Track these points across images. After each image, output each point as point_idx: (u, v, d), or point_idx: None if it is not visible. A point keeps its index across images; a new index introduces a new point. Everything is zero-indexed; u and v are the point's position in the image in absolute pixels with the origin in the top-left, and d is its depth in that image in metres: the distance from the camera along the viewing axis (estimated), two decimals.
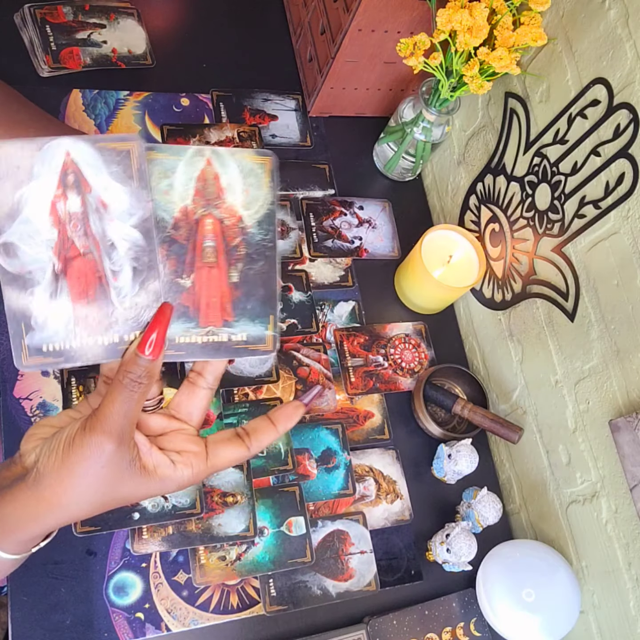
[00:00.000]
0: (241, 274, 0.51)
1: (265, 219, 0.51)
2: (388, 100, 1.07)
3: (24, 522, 0.49)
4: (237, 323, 0.52)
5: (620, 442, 0.73)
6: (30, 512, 0.49)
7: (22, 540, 0.51)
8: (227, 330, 0.51)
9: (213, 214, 0.50)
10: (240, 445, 0.53)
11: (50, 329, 0.49)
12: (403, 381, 0.95)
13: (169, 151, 0.49)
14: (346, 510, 0.86)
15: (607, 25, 0.73)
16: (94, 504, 0.50)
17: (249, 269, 0.51)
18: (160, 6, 1.06)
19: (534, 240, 0.86)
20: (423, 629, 0.82)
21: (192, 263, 0.50)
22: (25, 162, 0.46)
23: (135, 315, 0.50)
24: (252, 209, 0.51)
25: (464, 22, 0.78)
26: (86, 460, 0.47)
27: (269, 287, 0.52)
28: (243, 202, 0.50)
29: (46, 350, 0.49)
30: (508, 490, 0.97)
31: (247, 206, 0.50)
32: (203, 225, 0.50)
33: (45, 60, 0.94)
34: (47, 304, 0.49)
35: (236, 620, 0.78)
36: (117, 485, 0.49)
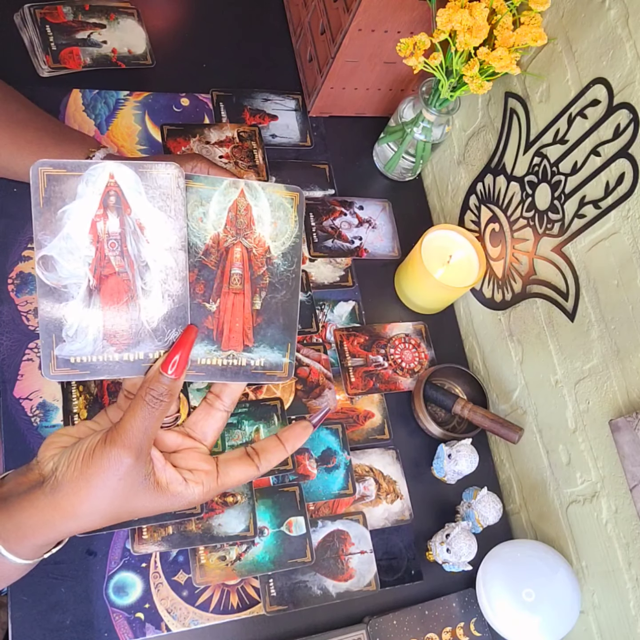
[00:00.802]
0: (264, 301, 0.54)
1: (290, 251, 0.54)
2: (388, 100, 1.07)
3: (39, 528, 0.50)
4: (257, 349, 0.55)
5: (620, 442, 0.73)
6: (46, 519, 0.50)
7: (36, 545, 0.51)
8: (246, 355, 0.54)
9: (242, 243, 0.53)
10: (250, 465, 0.55)
11: (80, 342, 0.51)
12: (403, 381, 0.95)
13: (205, 181, 0.52)
14: (346, 510, 0.86)
15: (607, 25, 0.73)
16: (107, 515, 0.51)
17: (272, 297, 0.55)
18: (160, 6, 1.06)
19: (534, 240, 0.86)
20: (423, 629, 0.82)
21: (219, 289, 0.53)
22: (70, 181, 0.49)
23: (162, 334, 0.52)
24: (279, 240, 0.54)
25: (464, 22, 0.78)
26: (105, 471, 0.48)
27: (289, 315, 0.55)
28: (271, 233, 0.54)
29: (74, 362, 0.51)
30: (508, 490, 0.97)
31: (274, 238, 0.54)
32: (232, 254, 0.53)
33: (45, 60, 0.94)
34: (79, 317, 0.51)
35: (236, 620, 0.78)
36: (130, 498, 0.50)
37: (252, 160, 1.00)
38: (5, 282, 0.83)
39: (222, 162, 0.98)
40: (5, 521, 0.50)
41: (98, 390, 0.81)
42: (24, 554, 0.51)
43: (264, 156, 1.01)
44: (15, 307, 0.82)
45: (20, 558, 0.52)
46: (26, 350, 0.81)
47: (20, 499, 0.50)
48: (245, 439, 0.84)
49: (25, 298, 0.83)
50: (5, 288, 0.83)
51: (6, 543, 0.51)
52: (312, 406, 0.89)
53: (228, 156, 0.99)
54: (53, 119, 0.84)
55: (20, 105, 0.81)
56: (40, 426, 0.78)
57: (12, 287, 0.83)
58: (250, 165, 0.99)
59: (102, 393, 0.81)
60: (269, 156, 1.01)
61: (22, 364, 0.80)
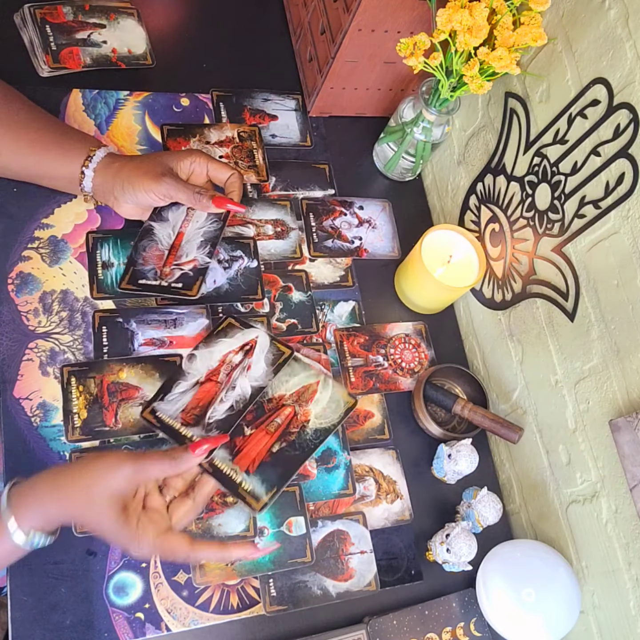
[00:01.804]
0: (280, 449, 0.74)
1: (322, 431, 0.76)
2: (388, 100, 1.07)
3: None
4: (253, 477, 0.72)
5: (620, 442, 0.73)
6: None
7: (45, 516, 0.63)
8: (243, 476, 0.72)
9: (294, 407, 0.77)
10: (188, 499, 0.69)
11: (171, 408, 0.77)
12: (403, 381, 0.95)
13: (301, 362, 0.81)
14: (346, 510, 0.86)
15: (607, 25, 0.73)
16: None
17: (287, 450, 0.74)
18: (160, 6, 1.06)
19: (534, 240, 0.86)
20: (423, 629, 0.82)
21: (259, 424, 0.76)
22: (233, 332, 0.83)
23: (209, 430, 0.74)
24: (319, 420, 0.77)
25: (464, 22, 0.78)
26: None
27: (291, 469, 0.73)
28: (317, 413, 0.77)
29: (158, 415, 0.77)
30: (508, 490, 0.97)
31: (318, 416, 0.77)
32: (284, 409, 0.77)
33: (45, 60, 0.94)
34: (180, 394, 0.78)
35: (236, 620, 0.78)
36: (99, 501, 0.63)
37: (252, 160, 1.00)
38: (5, 282, 0.83)
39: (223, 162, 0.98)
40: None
41: (98, 390, 0.81)
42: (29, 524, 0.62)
43: (264, 156, 1.01)
44: (15, 307, 0.82)
45: (29, 530, 0.62)
46: (26, 350, 0.81)
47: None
48: None
49: (25, 298, 0.83)
50: (5, 288, 0.83)
51: (18, 513, 0.62)
52: None
53: (228, 156, 0.99)
54: (54, 119, 0.84)
55: (21, 105, 0.81)
56: (40, 426, 0.78)
57: (12, 287, 0.83)
58: (250, 165, 0.99)
59: (102, 393, 0.81)
60: (269, 156, 1.01)
61: (22, 364, 0.80)
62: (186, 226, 0.85)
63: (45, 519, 0.63)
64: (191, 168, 0.83)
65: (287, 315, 0.93)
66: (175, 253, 0.83)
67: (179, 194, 0.79)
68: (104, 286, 0.86)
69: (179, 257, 0.83)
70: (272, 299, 0.93)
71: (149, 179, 0.78)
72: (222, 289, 0.90)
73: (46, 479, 0.64)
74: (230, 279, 0.91)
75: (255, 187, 0.99)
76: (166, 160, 0.81)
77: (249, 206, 0.97)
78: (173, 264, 0.83)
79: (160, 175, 0.79)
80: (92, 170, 0.80)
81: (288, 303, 0.94)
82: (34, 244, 0.86)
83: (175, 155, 0.83)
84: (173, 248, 0.84)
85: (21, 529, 0.61)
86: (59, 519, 0.65)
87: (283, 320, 0.92)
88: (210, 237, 0.85)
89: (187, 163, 0.82)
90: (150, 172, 0.79)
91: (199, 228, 0.85)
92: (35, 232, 0.86)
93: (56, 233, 0.87)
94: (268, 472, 0.71)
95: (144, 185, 0.79)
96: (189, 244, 0.84)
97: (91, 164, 0.80)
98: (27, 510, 0.62)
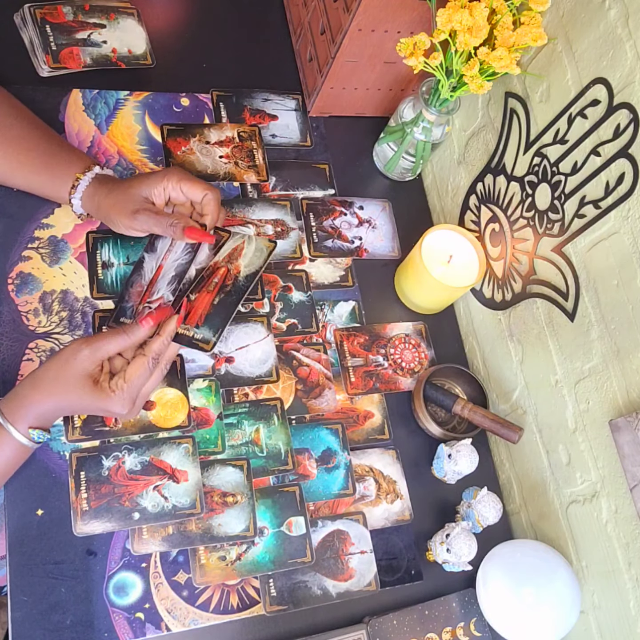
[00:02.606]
0: (220, 300, 0.83)
1: (251, 275, 0.85)
2: (388, 100, 1.07)
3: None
4: (201, 328, 0.81)
5: (620, 442, 0.73)
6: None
7: (38, 414, 0.71)
8: (194, 330, 0.80)
9: (227, 266, 0.84)
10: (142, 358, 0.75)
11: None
12: (403, 381, 0.95)
13: (234, 234, 0.87)
14: (346, 510, 0.86)
15: (607, 25, 0.73)
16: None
17: (225, 299, 0.83)
18: (160, 6, 1.06)
19: (534, 240, 0.86)
20: (423, 629, 0.82)
21: (201, 288, 0.82)
22: None
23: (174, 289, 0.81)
24: (248, 268, 0.85)
25: (464, 22, 0.78)
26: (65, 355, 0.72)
27: (231, 310, 0.82)
28: (246, 263, 0.85)
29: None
30: (508, 490, 0.97)
31: (246, 266, 0.85)
32: (219, 271, 0.84)
33: (45, 60, 0.94)
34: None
35: (236, 620, 0.78)
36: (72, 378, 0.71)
37: (252, 160, 1.00)
38: (5, 282, 0.83)
39: (222, 162, 0.98)
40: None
41: None
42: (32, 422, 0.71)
43: (264, 156, 1.01)
44: (15, 307, 0.82)
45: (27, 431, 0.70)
46: (26, 350, 0.81)
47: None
48: (246, 439, 0.85)
49: (25, 298, 0.83)
50: (5, 288, 0.83)
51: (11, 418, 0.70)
52: (312, 406, 0.89)
53: (228, 156, 0.99)
54: (45, 134, 0.83)
55: (14, 120, 0.81)
56: None
57: (12, 287, 0.83)
58: (250, 165, 0.99)
59: None
60: (269, 156, 1.01)
61: (22, 364, 0.80)
62: (167, 257, 0.83)
63: (37, 415, 0.71)
64: (165, 194, 0.81)
65: (287, 315, 0.93)
66: (151, 289, 0.81)
67: (153, 228, 0.79)
68: (104, 286, 0.86)
69: (152, 294, 0.81)
70: (272, 299, 0.93)
71: (124, 217, 0.79)
72: None
73: (25, 384, 0.72)
74: None
75: (255, 187, 0.99)
76: (139, 191, 0.79)
77: (249, 206, 0.97)
78: (146, 301, 0.81)
79: (133, 213, 0.78)
80: (79, 199, 0.81)
81: (288, 303, 0.94)
82: (34, 244, 0.86)
83: (147, 183, 0.80)
84: (150, 284, 0.82)
85: (20, 429, 0.70)
86: (49, 412, 0.72)
87: (283, 320, 0.92)
88: (180, 271, 0.82)
89: (160, 189, 0.80)
90: (124, 210, 0.79)
91: (175, 260, 0.83)
92: (35, 232, 0.86)
93: (56, 233, 0.87)
94: (212, 319, 0.81)
95: (122, 223, 0.79)
96: (163, 279, 0.82)
97: (77, 193, 0.81)
98: (18, 412, 0.70)
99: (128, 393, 0.72)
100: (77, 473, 0.77)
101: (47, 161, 0.81)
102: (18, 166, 0.80)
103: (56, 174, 0.81)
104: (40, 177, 0.81)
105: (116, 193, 0.80)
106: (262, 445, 0.85)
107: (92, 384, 0.71)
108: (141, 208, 0.78)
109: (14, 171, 0.81)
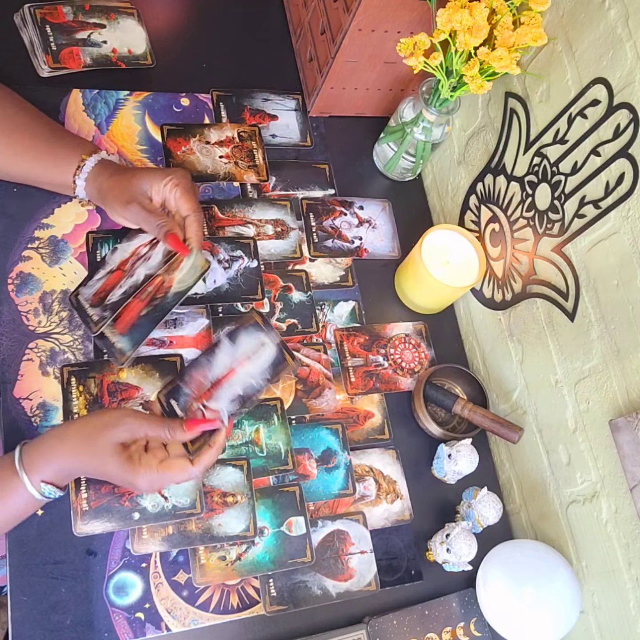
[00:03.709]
0: (147, 312, 0.82)
1: (178, 294, 0.82)
2: (388, 100, 1.07)
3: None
4: (124, 337, 0.81)
5: (620, 442, 0.73)
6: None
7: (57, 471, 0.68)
8: (118, 337, 0.81)
9: (163, 277, 0.82)
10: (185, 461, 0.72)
11: (87, 292, 0.84)
12: (403, 381, 0.95)
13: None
14: (346, 510, 0.86)
15: (607, 25, 0.73)
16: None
17: (152, 311, 0.82)
18: (160, 6, 1.06)
19: (534, 240, 0.86)
20: (423, 629, 0.82)
21: (137, 295, 0.81)
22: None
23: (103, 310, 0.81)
24: (179, 284, 0.83)
25: (464, 22, 0.78)
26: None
27: (150, 328, 0.81)
28: (180, 279, 0.83)
29: (78, 298, 0.83)
30: (508, 490, 0.97)
31: (179, 282, 0.83)
32: (155, 279, 0.82)
33: (45, 60, 0.94)
34: (96, 280, 0.84)
35: (236, 620, 0.78)
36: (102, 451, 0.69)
37: (252, 160, 1.00)
38: (5, 282, 0.83)
39: (222, 162, 0.98)
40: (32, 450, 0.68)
41: (98, 390, 0.81)
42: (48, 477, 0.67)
43: (264, 156, 1.01)
44: (15, 307, 0.82)
45: (40, 484, 0.67)
46: (26, 350, 0.81)
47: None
48: (246, 439, 0.85)
49: (25, 298, 0.83)
50: (5, 288, 0.83)
51: (29, 470, 0.67)
52: (312, 406, 0.89)
53: (228, 156, 0.99)
54: (49, 122, 0.84)
55: (17, 109, 0.81)
56: (40, 426, 0.78)
57: (12, 287, 0.83)
58: (250, 165, 0.99)
59: (102, 393, 0.81)
60: (269, 156, 1.01)
61: (22, 364, 0.80)
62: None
63: (54, 471, 0.68)
64: (163, 193, 0.80)
65: (287, 315, 0.93)
66: (212, 392, 0.78)
67: (141, 223, 0.79)
68: None
69: (210, 398, 0.77)
70: (272, 299, 0.93)
71: (118, 203, 0.78)
72: (222, 289, 0.90)
73: (53, 434, 0.69)
74: (230, 279, 0.91)
75: (255, 187, 0.99)
76: (140, 182, 0.79)
77: (249, 206, 0.97)
78: (202, 402, 0.77)
79: (127, 202, 0.78)
80: (84, 180, 0.81)
81: (288, 303, 0.94)
82: (34, 244, 0.86)
83: (150, 177, 0.80)
84: (216, 384, 0.78)
85: (33, 481, 0.67)
86: (66, 470, 0.69)
87: (283, 320, 0.92)
88: (247, 393, 0.78)
89: (159, 187, 0.79)
90: (120, 196, 0.78)
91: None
92: (35, 232, 0.86)
93: (56, 233, 0.87)
94: (133, 332, 0.81)
95: (115, 209, 0.79)
96: (229, 389, 0.78)
97: (82, 174, 0.81)
98: (37, 462, 0.67)
99: (159, 483, 0.70)
100: None
101: (52, 145, 0.81)
102: (22, 151, 0.80)
103: (62, 156, 0.81)
104: (44, 162, 0.81)
105: (118, 178, 0.80)
106: (262, 445, 0.85)
107: (124, 454, 0.69)
108: (136, 201, 0.78)
109: (18, 156, 0.80)
